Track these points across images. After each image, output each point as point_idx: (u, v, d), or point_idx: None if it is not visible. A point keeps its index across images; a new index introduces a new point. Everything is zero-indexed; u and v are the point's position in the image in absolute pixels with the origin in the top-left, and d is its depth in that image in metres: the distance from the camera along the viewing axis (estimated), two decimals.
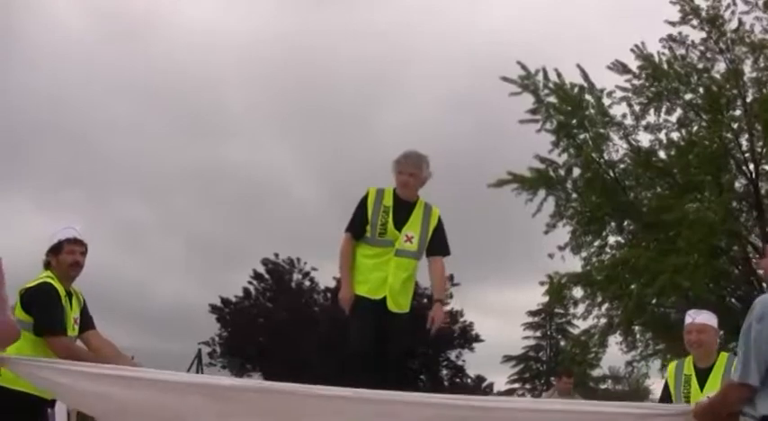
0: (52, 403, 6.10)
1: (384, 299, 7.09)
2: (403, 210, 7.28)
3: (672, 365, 7.05)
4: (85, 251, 6.25)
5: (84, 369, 5.26)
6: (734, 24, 23.29)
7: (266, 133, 67.53)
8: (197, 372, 37.62)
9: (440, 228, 7.40)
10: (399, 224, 7.22)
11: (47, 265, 6.17)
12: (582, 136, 24.60)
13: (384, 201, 7.27)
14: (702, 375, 6.59)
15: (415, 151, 7.43)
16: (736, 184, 24.57)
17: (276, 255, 42.54)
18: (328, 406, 4.77)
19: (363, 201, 7.34)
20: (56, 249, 6.11)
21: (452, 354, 44.43)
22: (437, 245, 7.40)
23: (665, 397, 6.95)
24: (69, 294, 6.12)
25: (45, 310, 5.84)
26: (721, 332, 21.04)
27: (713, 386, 6.38)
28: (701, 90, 23.79)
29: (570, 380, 13.92)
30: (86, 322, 6.28)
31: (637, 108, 24.29)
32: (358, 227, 7.30)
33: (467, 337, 44.00)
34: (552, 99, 24.42)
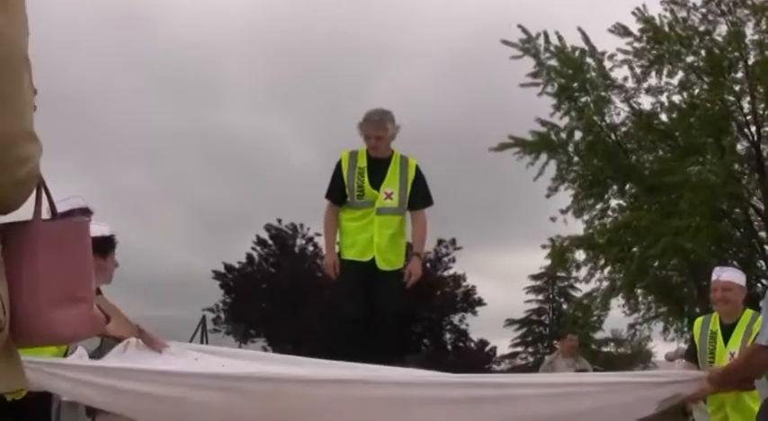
0: None
1: (373, 259, 7.08)
2: (378, 168, 7.26)
3: (698, 321, 7.11)
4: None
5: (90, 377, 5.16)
6: None
7: (265, 98, 67.31)
8: (201, 339, 37.70)
9: (418, 179, 7.36)
10: (376, 183, 7.20)
11: None
12: (583, 99, 24.59)
13: (358, 163, 7.25)
14: (727, 331, 6.65)
15: (377, 111, 7.35)
16: (738, 147, 24.57)
17: (279, 220, 42.55)
18: (340, 391, 4.77)
19: (338, 166, 7.33)
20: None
21: (455, 318, 44.52)
22: (417, 197, 7.37)
23: (691, 352, 7.03)
24: None
25: None
26: None
27: (736, 342, 6.44)
28: (702, 52, 23.74)
29: (575, 338, 13.97)
30: None
31: (638, 71, 24.27)
32: (336, 192, 7.31)
33: (469, 301, 44.06)
34: (553, 62, 24.40)
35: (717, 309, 6.98)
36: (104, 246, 5.71)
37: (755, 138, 24.05)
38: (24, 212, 2.09)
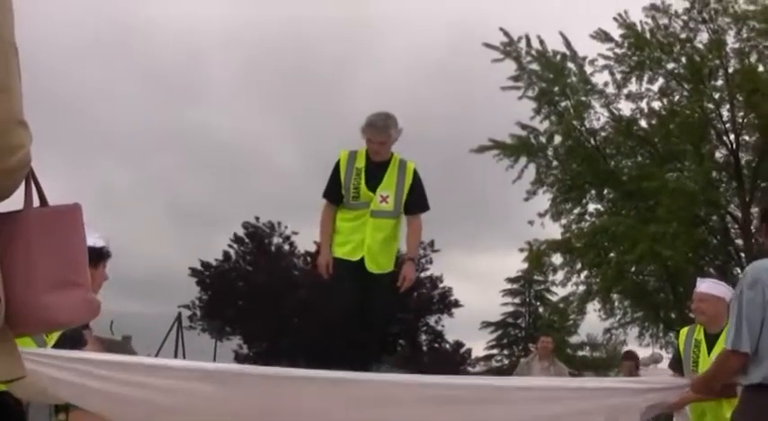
0: None
1: (362, 260, 7.03)
2: (376, 170, 7.15)
3: (683, 331, 7.12)
4: None
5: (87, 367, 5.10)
6: None
7: (244, 98, 67.36)
8: (177, 336, 37.54)
9: (416, 184, 7.24)
10: (373, 185, 7.09)
11: None
12: (563, 103, 24.67)
13: (356, 164, 7.14)
14: (711, 340, 6.65)
15: (381, 116, 7.20)
16: (717, 154, 24.72)
17: (257, 218, 42.47)
18: (326, 390, 4.76)
19: (336, 166, 7.21)
20: None
21: (432, 320, 44.56)
22: (414, 202, 7.25)
23: (675, 360, 7.06)
24: None
25: None
26: None
27: (719, 351, 6.44)
28: (683, 60, 23.84)
29: (548, 339, 13.79)
30: None
31: (619, 76, 24.38)
32: (333, 192, 7.20)
33: (446, 303, 44.09)
34: (534, 66, 24.45)
35: (697, 321, 7.00)
36: (94, 256, 5.60)
37: (734, 146, 24.19)
38: (12, 202, 2.09)
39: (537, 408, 4.82)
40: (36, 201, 2.14)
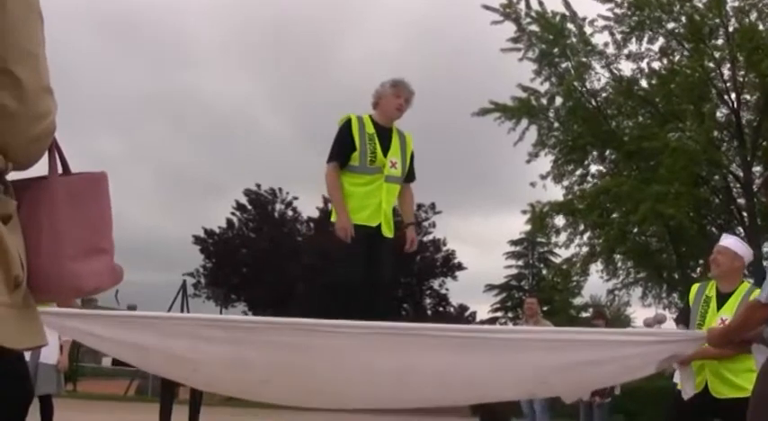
0: None
1: (379, 225, 7.06)
2: (384, 136, 7.17)
3: (695, 286, 7.08)
4: None
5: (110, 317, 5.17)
6: None
7: (233, 65, 67.26)
8: (182, 304, 37.67)
9: (413, 154, 7.42)
10: (384, 151, 7.12)
11: None
12: (564, 65, 24.61)
13: (367, 129, 7.14)
14: (722, 299, 6.62)
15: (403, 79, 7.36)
16: (718, 114, 24.66)
17: (258, 185, 42.51)
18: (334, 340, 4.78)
19: (348, 130, 7.11)
20: None
21: (435, 283, 44.64)
22: (411, 171, 7.42)
23: (683, 314, 7.06)
24: None
25: None
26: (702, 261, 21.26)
27: (729, 309, 6.38)
28: (683, 19, 23.74)
29: (533, 301, 13.57)
30: None
31: (619, 37, 24.31)
32: (345, 156, 7.13)
33: (449, 266, 44.16)
34: (534, 27, 24.37)
35: (711, 273, 6.98)
36: None
37: (735, 105, 24.14)
38: (31, 173, 2.10)
39: (549, 357, 4.84)
40: (59, 170, 2.16)
